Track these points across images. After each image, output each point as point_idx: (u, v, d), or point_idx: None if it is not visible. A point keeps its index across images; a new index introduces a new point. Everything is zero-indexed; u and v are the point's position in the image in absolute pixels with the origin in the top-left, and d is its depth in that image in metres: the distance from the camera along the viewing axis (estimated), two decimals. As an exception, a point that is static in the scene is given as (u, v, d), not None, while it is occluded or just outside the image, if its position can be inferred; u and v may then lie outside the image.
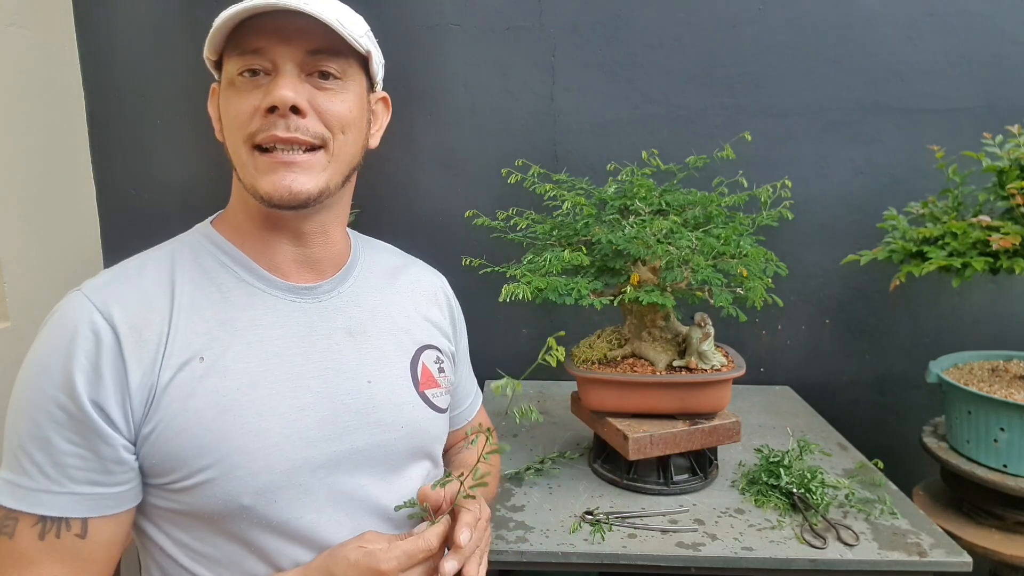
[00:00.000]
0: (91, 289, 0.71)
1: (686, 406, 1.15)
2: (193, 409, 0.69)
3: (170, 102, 1.65)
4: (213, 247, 0.78)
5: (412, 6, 1.60)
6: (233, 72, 0.72)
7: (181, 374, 0.69)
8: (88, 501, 0.67)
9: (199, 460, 0.68)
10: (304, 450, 0.72)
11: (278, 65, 0.71)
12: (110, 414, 0.67)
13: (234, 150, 0.74)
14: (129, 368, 0.68)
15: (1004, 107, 1.56)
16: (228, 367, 0.71)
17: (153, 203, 1.69)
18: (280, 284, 0.78)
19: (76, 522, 0.67)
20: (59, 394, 0.66)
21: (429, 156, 1.65)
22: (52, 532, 0.66)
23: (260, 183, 0.72)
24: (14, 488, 0.66)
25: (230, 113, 0.73)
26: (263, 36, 0.70)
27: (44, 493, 0.66)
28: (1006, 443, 1.16)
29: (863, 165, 1.61)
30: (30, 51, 1.49)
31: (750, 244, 1.14)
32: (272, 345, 0.74)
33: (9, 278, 1.43)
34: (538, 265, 1.09)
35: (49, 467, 0.66)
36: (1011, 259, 1.12)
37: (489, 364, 1.74)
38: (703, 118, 1.61)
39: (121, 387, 0.67)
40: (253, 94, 0.71)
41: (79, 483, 0.67)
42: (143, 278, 0.74)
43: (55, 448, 0.66)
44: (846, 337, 1.67)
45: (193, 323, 0.72)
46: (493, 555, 1.00)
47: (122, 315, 0.69)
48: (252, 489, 0.69)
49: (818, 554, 0.98)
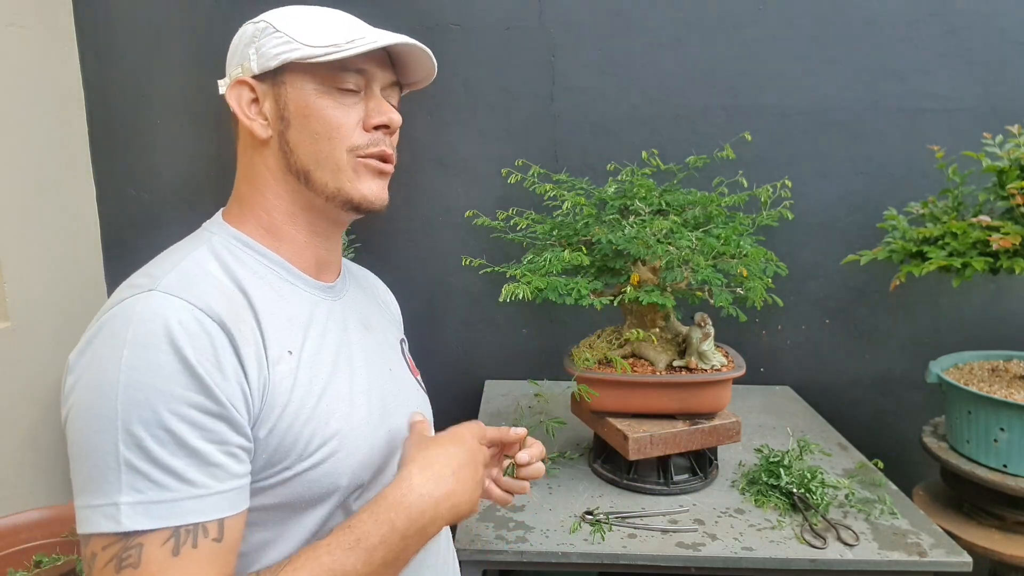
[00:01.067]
0: (172, 288, 0.67)
1: (686, 406, 1.15)
2: (298, 399, 0.71)
3: (170, 102, 1.65)
4: (248, 249, 0.77)
5: (412, 6, 1.60)
6: (330, 82, 0.76)
7: (280, 367, 0.71)
8: (230, 498, 0.64)
9: (308, 447, 0.70)
10: (373, 432, 0.78)
11: (372, 88, 0.78)
12: (238, 407, 0.65)
13: (328, 156, 0.77)
14: (245, 363, 0.67)
15: (1004, 107, 1.56)
16: (310, 359, 0.74)
17: (153, 203, 1.69)
18: (314, 283, 0.81)
19: (213, 525, 0.63)
20: (188, 392, 0.62)
21: (429, 156, 1.65)
22: (188, 543, 0.61)
23: (359, 188, 0.78)
24: (149, 506, 0.60)
25: (328, 122, 0.76)
26: (368, 60, 0.77)
27: (188, 500, 0.61)
28: (1006, 443, 1.16)
29: (863, 165, 1.61)
30: (30, 51, 1.49)
31: (750, 244, 1.14)
32: (328, 338, 0.78)
33: (9, 278, 1.43)
34: (538, 265, 1.09)
35: (191, 471, 0.62)
36: (1011, 259, 1.12)
37: (489, 364, 1.75)
38: (703, 118, 1.61)
39: (240, 382, 0.66)
40: (354, 109, 0.77)
41: (222, 480, 0.64)
42: (211, 277, 0.72)
43: (195, 449, 0.62)
44: (846, 337, 1.67)
45: (271, 320, 0.73)
46: (493, 555, 1.00)
47: (222, 311, 0.67)
48: (349, 469, 0.73)
49: (818, 554, 0.98)
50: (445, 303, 1.69)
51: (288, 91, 0.76)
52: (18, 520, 1.34)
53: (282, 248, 0.79)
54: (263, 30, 0.76)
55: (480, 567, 1.02)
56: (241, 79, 0.77)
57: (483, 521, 1.08)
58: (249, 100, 0.77)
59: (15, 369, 1.43)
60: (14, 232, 1.44)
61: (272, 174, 0.78)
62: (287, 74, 0.75)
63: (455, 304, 1.71)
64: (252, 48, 0.76)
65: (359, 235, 1.66)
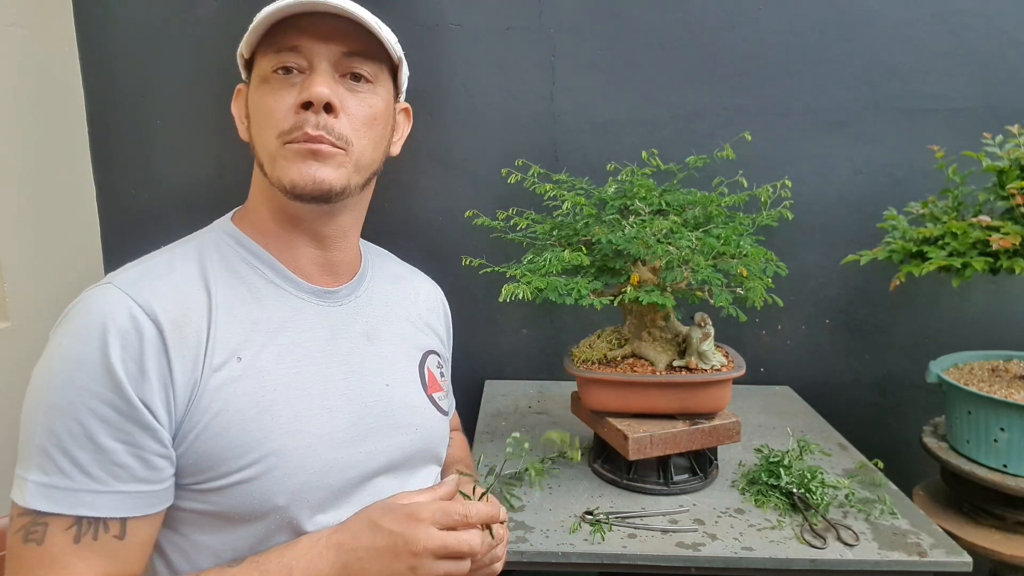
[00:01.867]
0: (124, 283, 0.69)
1: (686, 406, 1.15)
2: (234, 409, 0.69)
3: (170, 102, 1.65)
4: (239, 246, 0.78)
5: (412, 6, 1.60)
6: (267, 69, 0.73)
7: (221, 373, 0.69)
8: (131, 500, 0.65)
9: (238, 460, 0.68)
10: (334, 451, 0.74)
11: (314, 64, 0.72)
12: (155, 411, 0.65)
13: (263, 146, 0.74)
14: (173, 365, 0.66)
15: (1004, 107, 1.56)
16: (264, 368, 0.72)
17: (153, 203, 1.69)
18: (305, 287, 0.79)
19: (115, 523, 0.65)
20: (103, 390, 0.64)
21: (429, 156, 1.65)
22: (89, 534, 0.63)
23: (288, 173, 0.72)
24: (51, 490, 0.63)
25: (262, 109, 0.73)
26: (301, 35, 0.71)
27: (86, 493, 0.63)
28: (1006, 443, 1.16)
29: (863, 165, 1.61)
30: (30, 51, 1.49)
31: (750, 244, 1.14)
32: (301, 347, 0.75)
33: (9, 278, 1.43)
34: (538, 265, 1.09)
35: (92, 466, 0.64)
36: (1011, 259, 1.12)
37: (489, 364, 1.75)
38: (703, 118, 1.61)
39: (165, 384, 0.66)
40: (288, 92, 0.72)
41: (124, 481, 0.65)
42: (175, 274, 0.72)
43: (100, 446, 0.64)
44: (846, 337, 1.67)
45: (229, 322, 0.72)
46: (493, 555, 1.00)
47: (163, 310, 0.68)
48: (288, 489, 0.70)
49: (818, 554, 0.98)
50: (445, 303, 1.69)
51: (250, 88, 0.77)
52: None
53: (271, 246, 0.79)
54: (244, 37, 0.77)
55: (480, 567, 1.02)
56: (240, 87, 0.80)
57: (483, 521, 1.08)
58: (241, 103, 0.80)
59: (15, 369, 1.43)
60: (14, 232, 1.44)
61: (256, 173, 0.79)
62: (252, 72, 0.77)
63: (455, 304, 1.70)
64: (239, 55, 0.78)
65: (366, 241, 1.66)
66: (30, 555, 0.63)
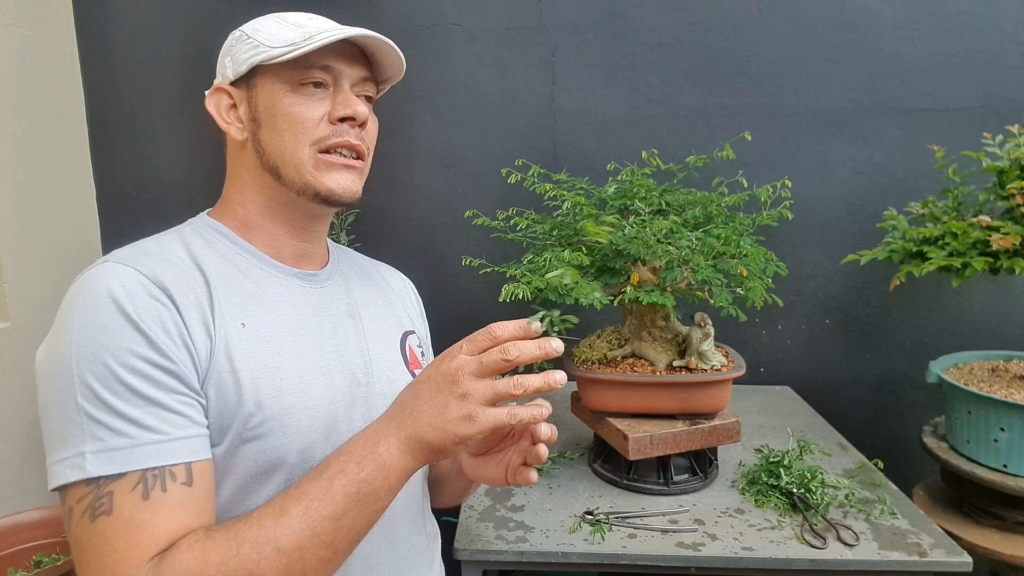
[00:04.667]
0: (123, 258, 0.71)
1: (686, 406, 1.15)
2: (246, 368, 0.71)
3: (170, 102, 1.65)
4: (221, 236, 0.81)
5: (412, 6, 1.60)
6: (295, 80, 0.78)
7: (230, 335, 0.72)
8: (193, 444, 0.66)
9: (253, 417, 0.70)
10: (335, 413, 0.78)
11: (341, 83, 0.80)
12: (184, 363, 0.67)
13: (290, 151, 0.79)
14: (189, 325, 0.69)
15: (1004, 107, 1.56)
16: (267, 334, 0.75)
17: (153, 203, 1.69)
18: (288, 270, 0.83)
19: (180, 469, 0.64)
20: (134, 346, 0.64)
21: (429, 156, 1.65)
22: (157, 487, 0.63)
23: (325, 181, 0.79)
24: (110, 454, 0.62)
25: (292, 117, 0.78)
26: (335, 56, 0.79)
27: (150, 446, 0.63)
28: (1006, 443, 1.16)
29: (863, 165, 1.61)
30: (30, 51, 1.49)
31: (750, 244, 1.14)
32: (295, 319, 0.79)
33: (9, 278, 1.43)
34: (538, 265, 1.09)
35: (150, 419, 0.64)
36: (1011, 259, 1.12)
37: (489, 364, 1.75)
38: (703, 118, 1.61)
39: (186, 341, 0.68)
40: (319, 104, 0.79)
41: (183, 428, 0.65)
42: (166, 253, 0.75)
43: (150, 399, 0.64)
44: (846, 337, 1.67)
45: (227, 294, 0.75)
46: (493, 555, 1.00)
47: (168, 277, 0.70)
48: (298, 446, 0.73)
49: (818, 554, 0.98)
50: (445, 303, 1.69)
51: (259, 94, 0.80)
52: (18, 520, 1.34)
53: (255, 239, 0.83)
54: (238, 39, 0.81)
55: (480, 567, 1.02)
56: (219, 87, 0.83)
57: (483, 521, 1.08)
58: (228, 106, 0.83)
59: (15, 369, 1.43)
60: (14, 232, 1.44)
61: (250, 173, 0.83)
62: (258, 77, 0.80)
63: (455, 304, 1.71)
64: (228, 57, 0.82)
65: (359, 235, 1.66)
66: (102, 531, 0.61)
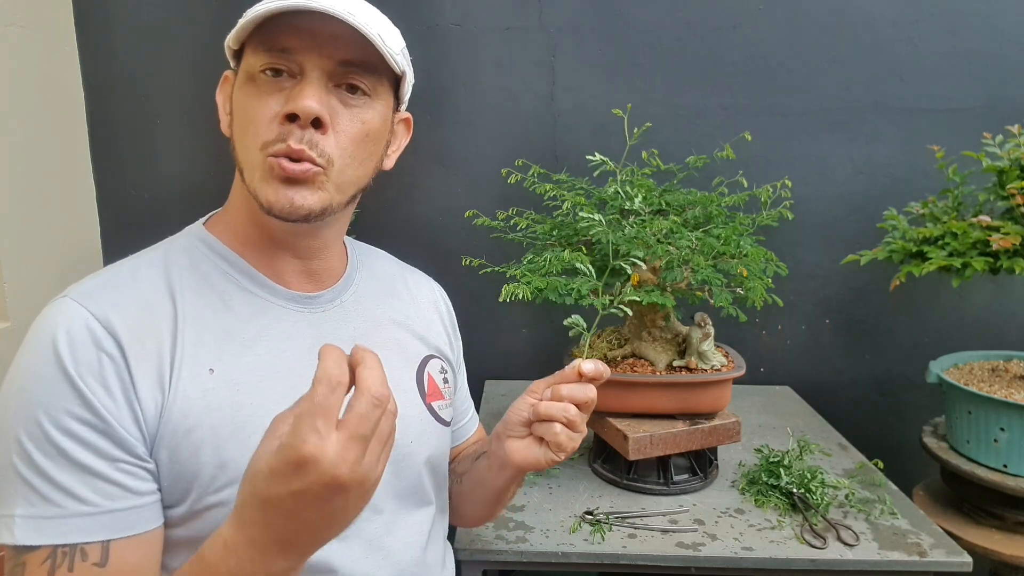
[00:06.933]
0: (80, 295, 0.64)
1: (686, 406, 1.15)
2: (208, 426, 0.63)
3: (170, 102, 1.65)
4: (211, 253, 0.73)
5: (412, 6, 1.60)
6: (255, 67, 0.66)
7: (191, 387, 0.64)
8: (122, 518, 0.59)
9: (216, 480, 0.63)
10: None
11: (305, 70, 0.65)
12: (125, 425, 0.60)
13: (244, 151, 0.68)
14: (136, 380, 0.61)
15: (1004, 107, 1.56)
16: (239, 380, 0.67)
17: (153, 203, 1.69)
18: (283, 293, 0.74)
19: (94, 548, 0.58)
20: (69, 405, 0.59)
21: (429, 156, 1.65)
22: (64, 565, 0.57)
23: (264, 191, 0.66)
24: (38, 521, 0.57)
25: (247, 113, 0.67)
26: (295, 36, 0.64)
27: (75, 518, 0.58)
28: (1006, 443, 1.16)
29: (863, 165, 1.61)
30: (30, 51, 1.49)
31: (750, 244, 1.14)
32: (280, 358, 0.70)
33: (9, 278, 1.43)
34: (538, 265, 1.09)
35: (78, 487, 0.58)
36: (1011, 259, 1.12)
37: (489, 364, 1.75)
38: (703, 118, 1.61)
39: (130, 399, 0.61)
40: (275, 97, 0.66)
41: (113, 499, 0.59)
42: (138, 283, 0.67)
43: (79, 464, 0.58)
44: (846, 337, 1.67)
45: (199, 333, 0.66)
46: (493, 555, 1.00)
47: (122, 323, 0.63)
48: None
49: (818, 554, 0.98)
50: (445, 303, 1.69)
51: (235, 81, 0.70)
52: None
53: (248, 254, 0.74)
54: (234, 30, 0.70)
55: (480, 567, 1.02)
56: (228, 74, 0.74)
57: (483, 521, 1.08)
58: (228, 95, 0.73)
59: (15, 369, 1.43)
60: (14, 232, 1.44)
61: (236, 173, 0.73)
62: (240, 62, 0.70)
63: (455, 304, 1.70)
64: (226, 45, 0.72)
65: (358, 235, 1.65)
66: None
